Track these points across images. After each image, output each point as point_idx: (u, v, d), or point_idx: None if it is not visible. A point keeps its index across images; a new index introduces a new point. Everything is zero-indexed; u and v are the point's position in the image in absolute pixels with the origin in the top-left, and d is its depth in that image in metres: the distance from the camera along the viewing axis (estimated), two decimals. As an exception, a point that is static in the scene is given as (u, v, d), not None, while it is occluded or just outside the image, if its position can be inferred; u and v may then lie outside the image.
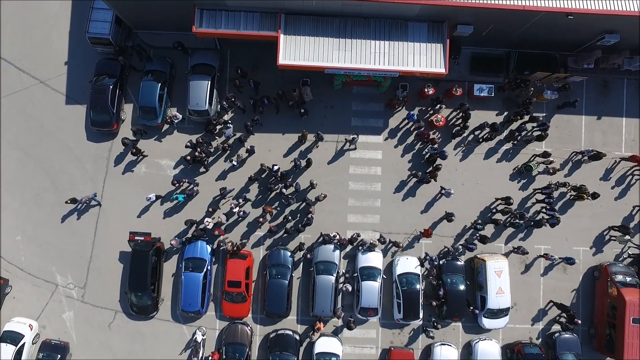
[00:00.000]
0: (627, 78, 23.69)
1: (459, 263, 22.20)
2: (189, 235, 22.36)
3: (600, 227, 23.22)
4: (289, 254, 22.00)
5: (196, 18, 19.78)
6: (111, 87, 22.00)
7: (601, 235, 23.29)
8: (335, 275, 21.65)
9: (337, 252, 22.00)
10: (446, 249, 22.47)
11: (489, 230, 22.80)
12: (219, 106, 22.75)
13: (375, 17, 20.27)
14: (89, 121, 22.62)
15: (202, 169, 22.77)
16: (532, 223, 22.46)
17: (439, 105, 22.61)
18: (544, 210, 22.56)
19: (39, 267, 22.73)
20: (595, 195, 21.92)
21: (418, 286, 21.62)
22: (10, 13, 23.60)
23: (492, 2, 18.94)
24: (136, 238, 21.46)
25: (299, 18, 20.15)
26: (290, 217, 22.42)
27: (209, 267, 21.71)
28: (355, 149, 23.12)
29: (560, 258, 22.07)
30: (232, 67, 23.00)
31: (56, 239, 22.76)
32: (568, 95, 23.03)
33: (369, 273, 21.65)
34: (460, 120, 23.06)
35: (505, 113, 23.52)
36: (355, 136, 22.40)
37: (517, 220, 22.26)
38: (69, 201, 21.73)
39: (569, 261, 21.83)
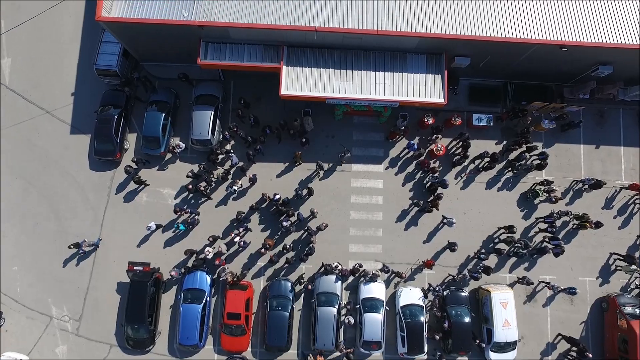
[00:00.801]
0: (622, 108, 24.12)
1: (463, 294, 21.74)
2: (189, 265, 22.03)
3: (605, 257, 22.92)
4: (290, 285, 21.59)
5: (201, 50, 20.39)
6: (116, 117, 22.37)
7: (607, 265, 22.94)
8: (337, 307, 21.14)
9: (339, 283, 21.61)
10: (451, 277, 22.06)
11: (492, 260, 22.50)
12: (221, 136, 23.04)
13: (375, 49, 20.88)
14: (93, 150, 22.85)
15: (203, 198, 22.71)
16: (536, 252, 22.18)
17: (435, 135, 22.87)
18: (547, 239, 22.33)
19: (34, 298, 22.26)
20: (598, 225, 21.78)
21: (422, 318, 21.07)
22: (23, 46, 24.40)
23: (488, 34, 19.61)
24: (135, 268, 21.15)
25: (301, 50, 20.77)
26: (291, 247, 22.15)
27: (208, 299, 21.24)
28: (348, 163, 23.19)
29: (562, 288, 21.62)
30: (235, 98, 23.52)
31: (54, 269, 22.43)
32: (572, 115, 23.33)
33: (372, 305, 21.16)
34: (460, 150, 23.27)
35: (504, 142, 23.78)
36: (348, 153, 22.45)
37: (521, 250, 21.99)
38: (71, 246, 21.53)
39: (571, 291, 21.40)
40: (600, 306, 22.47)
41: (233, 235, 21.55)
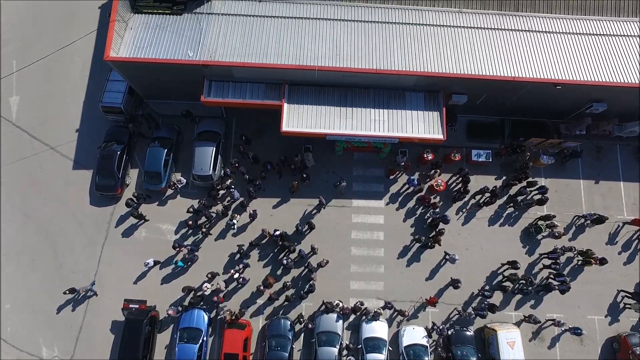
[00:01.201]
0: (619, 144, 24.41)
1: (468, 333, 21.04)
2: (186, 303, 21.48)
3: (613, 294, 22.38)
4: (290, 323, 20.96)
5: (205, 88, 20.95)
6: (119, 152, 22.63)
7: (615, 303, 22.36)
8: (338, 347, 20.40)
9: (340, 322, 20.98)
10: (457, 314, 21.45)
11: (497, 297, 21.96)
12: (222, 172, 23.18)
13: (374, 87, 21.43)
14: (94, 185, 22.92)
15: (202, 234, 22.51)
16: (542, 289, 21.69)
17: (433, 170, 23.00)
18: (552, 276, 21.92)
19: (25, 337, 21.53)
20: (603, 261, 21.46)
21: (427, 359, 20.28)
22: (32, 85, 25.12)
23: (484, 73, 20.21)
24: (130, 306, 20.60)
25: (302, 88, 21.32)
26: (291, 284, 21.68)
27: (205, 338, 20.54)
28: (348, 198, 23.20)
29: (568, 327, 20.96)
30: (237, 134, 23.87)
31: (48, 307, 21.86)
32: (575, 147, 23.58)
33: (374, 345, 20.46)
34: (460, 185, 23.33)
35: (504, 177, 23.88)
36: (344, 182, 22.45)
37: (526, 287, 21.52)
38: (67, 292, 21.09)
39: (576, 332, 20.76)
40: (612, 346, 21.69)
41: (232, 272, 21.18)
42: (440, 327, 20.86)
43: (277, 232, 21.64)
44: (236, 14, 21.34)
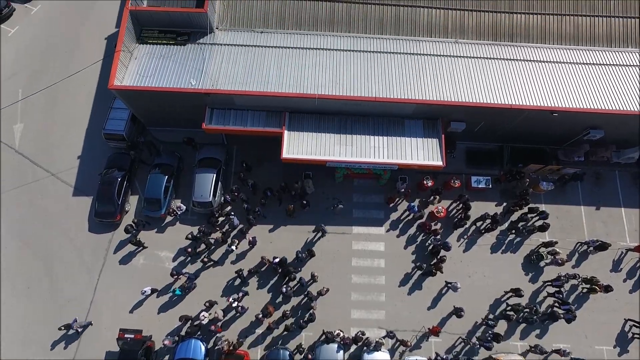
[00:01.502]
0: (618, 170, 24.50)
1: (473, 365, 20.45)
2: (183, 332, 20.98)
3: (620, 323, 21.88)
4: (289, 354, 20.37)
5: (207, 116, 21.24)
6: (119, 179, 22.72)
7: (623, 333, 21.81)
8: (339, 378, 19.79)
9: (341, 352, 20.39)
10: (461, 344, 20.89)
11: (501, 325, 21.46)
12: (222, 198, 23.17)
13: (374, 115, 21.71)
14: (94, 212, 22.84)
15: (202, 262, 22.26)
16: (547, 317, 21.22)
17: (432, 197, 22.99)
18: (557, 304, 21.49)
19: (17, 369, 20.94)
20: (608, 289, 21.13)
21: (430, 392, 19.62)
22: (37, 113, 25.56)
23: (482, 101, 20.54)
24: (126, 336, 20.11)
25: (302, 116, 21.61)
26: (290, 313, 21.24)
27: (201, 370, 19.94)
28: (340, 215, 23.06)
29: (572, 357, 20.39)
30: (238, 161, 24.03)
31: (41, 336, 21.34)
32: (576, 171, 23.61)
33: (376, 376, 19.82)
34: (461, 211, 23.25)
35: (505, 204, 23.83)
36: (340, 205, 22.39)
37: (531, 316, 21.06)
38: (62, 328, 20.63)
39: None
40: (621, 379, 21.02)
41: (231, 300, 20.79)
42: (444, 358, 20.25)
43: (277, 259, 21.38)
44: (238, 44, 21.90)
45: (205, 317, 20.35)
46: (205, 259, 22.16)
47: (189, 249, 21.78)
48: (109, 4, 28.33)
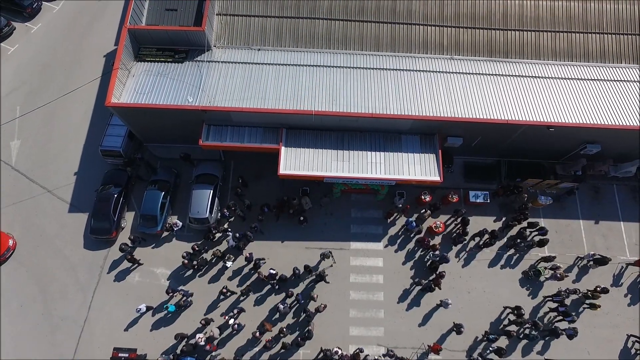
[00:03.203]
0: (616, 184, 24.48)
1: (474, 383, 20.06)
2: (178, 351, 20.59)
3: (622, 339, 21.57)
4: (286, 373, 20.02)
5: (203, 133, 21.25)
6: (115, 195, 22.60)
7: (626, 349, 21.49)
8: (337, 398, 19.38)
9: (339, 371, 20.03)
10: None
11: (502, 342, 21.11)
12: (219, 214, 23.04)
13: (371, 131, 21.75)
14: (89, 229, 22.66)
15: (194, 268, 22.01)
16: (548, 333, 20.92)
17: (424, 210, 22.82)
18: (559, 318, 21.23)
19: (8, 391, 20.49)
20: (605, 290, 21.11)
21: (431, 412, 19.20)
22: (34, 130, 25.58)
23: (478, 116, 20.61)
24: (120, 355, 19.78)
25: (300, 132, 21.64)
26: (288, 331, 20.93)
27: (196, 390, 19.54)
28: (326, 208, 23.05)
29: None
30: (235, 177, 23.97)
31: (34, 355, 20.91)
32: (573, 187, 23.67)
33: (375, 396, 19.42)
34: (459, 226, 23.12)
35: (503, 219, 23.73)
36: (327, 198, 22.82)
37: (532, 332, 20.76)
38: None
39: None
40: (626, 397, 20.63)
41: (227, 317, 20.49)
42: (444, 377, 19.90)
43: (273, 272, 21.15)
44: (236, 61, 22.08)
45: (201, 338, 19.96)
46: (201, 267, 21.89)
47: (186, 261, 21.51)
48: (108, 23, 28.68)
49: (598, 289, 21.42)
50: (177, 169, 24.14)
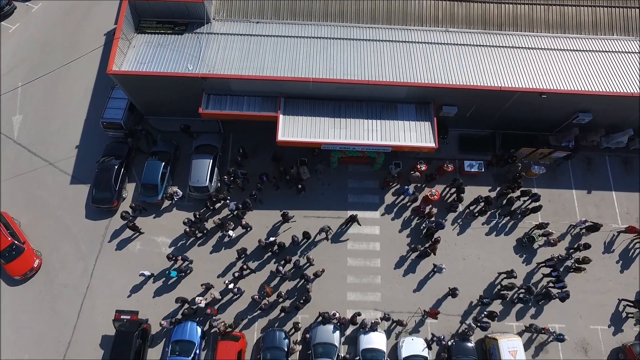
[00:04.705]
0: (608, 155, 24.95)
1: (469, 344, 20.45)
2: (179, 315, 20.98)
3: (614, 303, 22.02)
4: (284, 335, 20.37)
5: (203, 101, 21.63)
6: (117, 166, 22.95)
7: (617, 313, 21.94)
8: (335, 359, 19.73)
9: (337, 333, 20.39)
10: (458, 324, 21.04)
11: (496, 307, 21.56)
12: (218, 184, 23.42)
13: (367, 100, 22.17)
14: (91, 199, 23.01)
15: (195, 241, 22.37)
16: (541, 297, 21.36)
17: (412, 170, 23.27)
18: (551, 284, 21.67)
19: (10, 355, 20.74)
20: (586, 246, 21.63)
21: (427, 371, 19.61)
22: (36, 104, 25.93)
23: (472, 84, 21.04)
24: (122, 317, 20.09)
25: (297, 101, 22.03)
26: (287, 295, 21.33)
27: (197, 351, 19.88)
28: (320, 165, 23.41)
29: (552, 333, 20.49)
30: (234, 149, 24.35)
31: (36, 323, 21.26)
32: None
33: (372, 356, 19.81)
34: (454, 195, 23.53)
35: (498, 188, 24.17)
36: (321, 165, 23.05)
37: (525, 296, 21.21)
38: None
39: (559, 337, 20.22)
40: (617, 357, 21.05)
41: (227, 282, 20.87)
42: (441, 337, 20.28)
43: (272, 239, 21.55)
44: (234, 33, 22.48)
45: (201, 301, 20.33)
46: (200, 233, 22.31)
47: (187, 229, 21.85)
48: (108, 3, 29.01)
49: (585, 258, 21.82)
50: (177, 141, 24.49)
